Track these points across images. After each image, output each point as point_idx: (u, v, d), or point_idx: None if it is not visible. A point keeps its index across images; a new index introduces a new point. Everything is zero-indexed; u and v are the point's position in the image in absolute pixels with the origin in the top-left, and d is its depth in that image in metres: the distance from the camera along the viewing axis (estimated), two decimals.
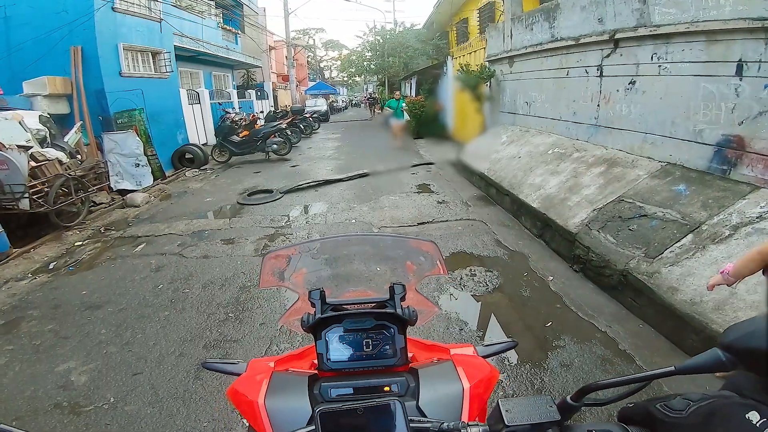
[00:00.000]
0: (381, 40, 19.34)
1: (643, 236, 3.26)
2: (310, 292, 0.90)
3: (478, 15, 9.97)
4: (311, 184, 7.07)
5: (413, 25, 19.34)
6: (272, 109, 16.54)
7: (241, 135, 9.84)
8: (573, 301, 3.16)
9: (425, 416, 0.70)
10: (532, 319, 2.96)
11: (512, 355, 2.52)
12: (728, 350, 0.54)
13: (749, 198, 3.01)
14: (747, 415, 0.53)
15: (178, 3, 10.73)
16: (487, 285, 3.46)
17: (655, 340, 2.69)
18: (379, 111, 23.00)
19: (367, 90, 39.97)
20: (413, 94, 14.87)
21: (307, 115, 14.93)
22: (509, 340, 1.04)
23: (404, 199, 5.99)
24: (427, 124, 11.83)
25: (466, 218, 5.09)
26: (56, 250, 4.76)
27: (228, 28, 15.20)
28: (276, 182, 7.44)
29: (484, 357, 0.93)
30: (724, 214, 3.00)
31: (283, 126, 10.07)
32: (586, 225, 3.73)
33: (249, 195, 6.76)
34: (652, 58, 4.05)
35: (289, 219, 5.41)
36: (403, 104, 11.41)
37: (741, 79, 3.21)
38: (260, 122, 11.61)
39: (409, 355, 0.87)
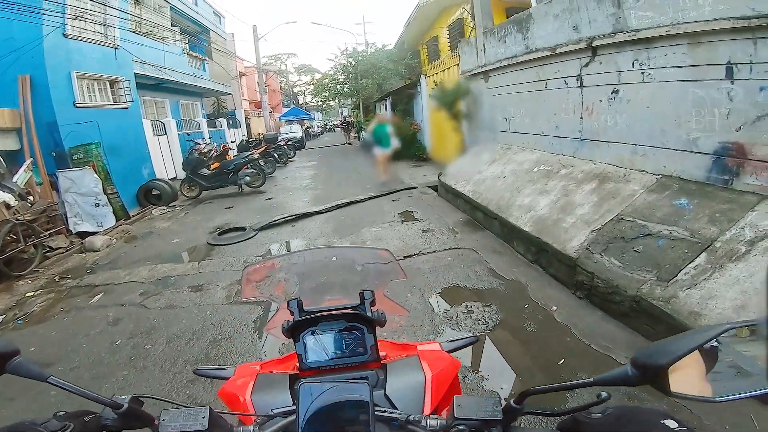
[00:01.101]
0: (353, 62, 19.34)
1: (651, 258, 2.99)
2: (288, 301, 0.99)
3: (447, 32, 9.98)
4: (287, 218, 6.63)
5: (384, 45, 19.40)
6: (245, 138, 16.09)
7: (211, 167, 9.36)
8: (583, 332, 2.87)
9: (392, 403, 0.78)
10: (543, 357, 2.66)
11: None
12: (634, 366, 0.60)
13: (759, 209, 2.80)
14: (664, 422, 0.57)
15: (138, 29, 10.33)
16: (487, 322, 3.13)
17: None
18: (356, 135, 22.74)
19: (341, 114, 40.05)
20: (389, 115, 14.77)
21: (281, 143, 14.57)
22: (471, 335, 1.18)
23: (387, 230, 5.64)
24: (405, 146, 11.63)
25: (454, 247, 4.77)
26: (5, 302, 4.33)
27: (194, 54, 14.87)
28: (250, 218, 6.97)
29: (449, 351, 1.05)
30: (735, 228, 2.77)
31: (256, 156, 9.64)
32: (587, 248, 3.45)
33: (220, 234, 6.27)
34: (633, 64, 3.89)
35: (263, 260, 4.96)
36: (388, 128, 9.12)
37: (732, 83, 3.04)
38: (232, 153, 11.17)
39: (383, 354, 0.94)
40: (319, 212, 6.92)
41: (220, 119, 15.99)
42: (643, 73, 3.81)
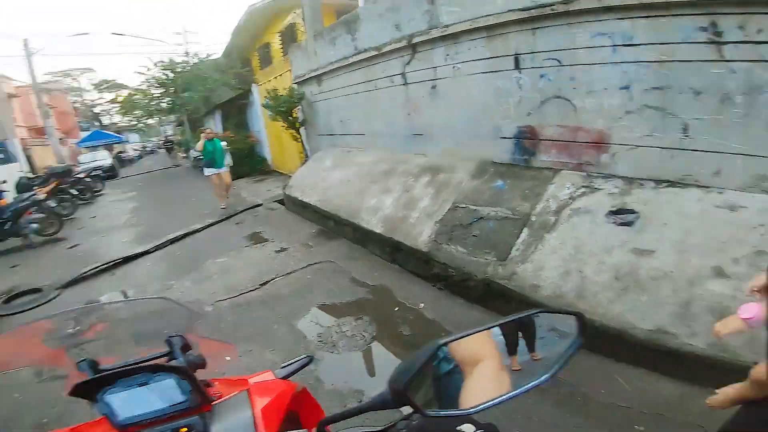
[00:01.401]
0: (171, 75, 16.91)
1: (488, 239, 3.27)
2: (77, 363, 0.89)
3: (280, 37, 9.55)
4: (103, 267, 5.25)
5: (209, 55, 17.50)
6: (24, 174, 12.38)
7: None
8: (452, 323, 2.96)
9: None
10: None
11: None
12: (390, 389, 0.59)
13: (555, 182, 3.31)
14: (459, 428, 0.63)
15: None
16: (363, 336, 2.96)
17: None
18: (184, 155, 20.09)
19: (164, 132, 35.08)
20: (220, 129, 13.41)
21: (81, 175, 11.74)
22: (304, 356, 1.12)
23: (235, 259, 4.96)
24: (243, 162, 10.73)
25: (312, 262, 4.47)
26: None
27: None
28: (47, 276, 5.26)
29: (285, 377, 1.02)
30: (543, 202, 3.21)
31: (42, 197, 7.43)
32: (434, 240, 3.61)
33: (6, 301, 4.60)
34: (445, 59, 4.21)
35: (77, 324, 3.74)
36: (220, 144, 7.47)
37: (520, 72, 3.52)
38: (7, 195, 8.43)
39: (217, 393, 0.89)
40: (147, 252, 5.69)
41: None
42: (453, 67, 4.16)
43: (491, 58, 3.73)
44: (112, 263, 5.34)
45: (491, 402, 0.59)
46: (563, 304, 2.57)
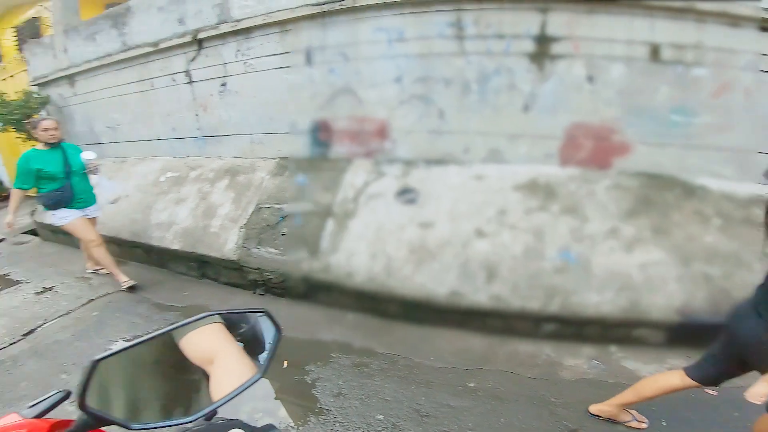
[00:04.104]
0: None
1: (297, 237, 3.13)
2: None
3: (16, 33, 7.26)
4: None
5: None
6: None
7: None
8: (286, 326, 2.65)
9: None
10: (271, 371, 2.29)
11: None
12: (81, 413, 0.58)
13: (350, 171, 3.42)
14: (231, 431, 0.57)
15: None
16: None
17: (379, 324, 2.71)
18: None
19: None
20: None
21: None
22: (58, 390, 0.89)
23: None
24: None
25: (97, 296, 3.48)
26: None
27: None
28: None
29: (38, 416, 0.80)
30: (342, 191, 3.27)
31: None
32: (243, 246, 3.25)
33: None
34: (236, 55, 3.87)
35: None
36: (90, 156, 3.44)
37: (312, 67, 3.51)
38: None
39: None
40: None
41: None
42: (245, 63, 3.85)
43: (284, 53, 3.62)
44: None
45: (228, 397, 0.60)
46: (378, 285, 2.66)
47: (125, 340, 2.23)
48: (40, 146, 3.25)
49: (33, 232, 5.61)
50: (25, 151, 3.28)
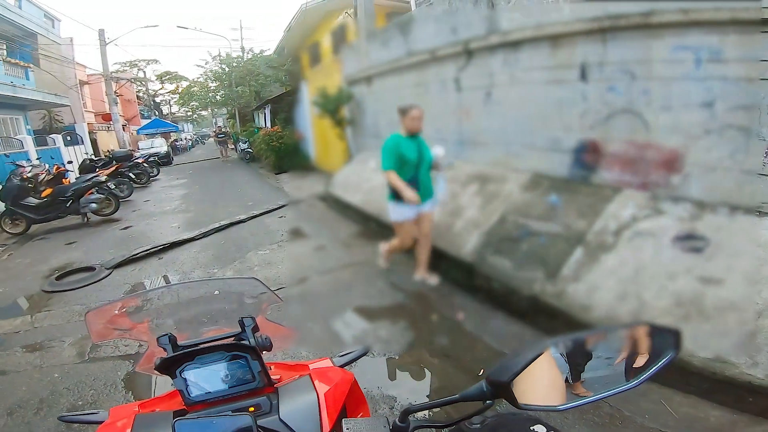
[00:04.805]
0: (227, 69, 17.75)
1: (537, 255, 3.13)
2: (158, 338, 0.94)
3: (331, 37, 9.76)
4: (152, 250, 5.50)
5: (263, 51, 18.21)
6: (89, 156, 13.34)
7: (41, 195, 7.44)
8: (492, 337, 2.85)
9: (289, 427, 0.77)
10: (464, 370, 2.54)
11: None
12: (488, 382, 0.64)
13: (616, 201, 3.11)
14: (533, 427, 0.62)
15: None
16: (399, 341, 2.91)
17: None
18: (233, 148, 20.49)
19: (216, 124, 36.63)
20: (268, 124, 13.84)
21: (139, 160, 12.47)
22: (361, 347, 1.13)
23: (276, 252, 5.04)
24: (289, 157, 11.00)
25: (350, 263, 4.47)
26: None
27: (14, 61, 11.86)
28: (100, 254, 5.61)
29: (341, 366, 1.02)
30: (601, 221, 3.03)
31: (103, 178, 7.94)
32: (480, 252, 3.49)
33: (59, 278, 4.88)
34: (503, 66, 4.07)
35: (111, 301, 3.95)
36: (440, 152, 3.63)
37: (586, 83, 3.35)
38: (71, 175, 9.11)
39: (276, 377, 0.92)
40: (193, 239, 5.92)
41: (53, 136, 12.99)
42: (511, 74, 4.03)
43: (554, 67, 3.57)
44: (160, 247, 5.60)
45: (582, 401, 0.63)
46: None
47: None
48: (402, 132, 3.36)
49: (323, 199, 7.53)
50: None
